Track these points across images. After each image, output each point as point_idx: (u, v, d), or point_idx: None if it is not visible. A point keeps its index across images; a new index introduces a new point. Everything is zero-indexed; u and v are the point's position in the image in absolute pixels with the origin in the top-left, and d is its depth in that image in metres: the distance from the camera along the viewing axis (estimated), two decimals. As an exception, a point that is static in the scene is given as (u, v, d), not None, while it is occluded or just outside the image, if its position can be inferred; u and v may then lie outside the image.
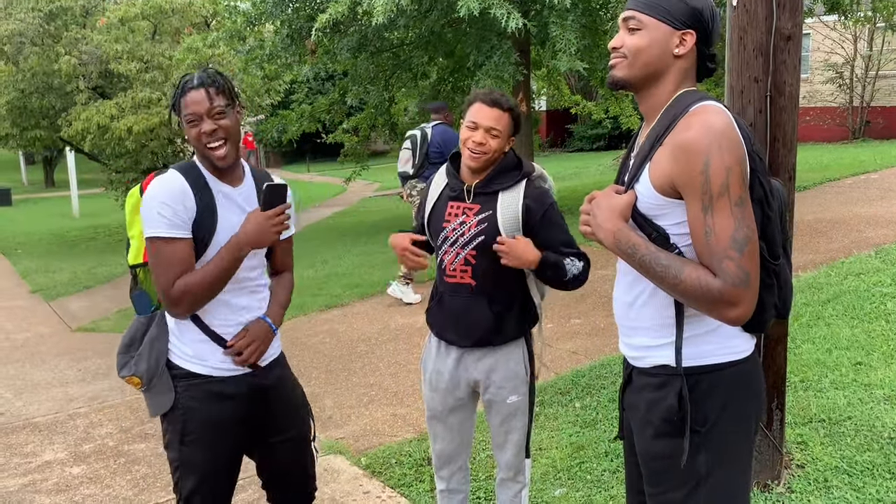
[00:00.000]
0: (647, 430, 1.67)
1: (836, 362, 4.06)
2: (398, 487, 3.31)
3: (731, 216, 1.47)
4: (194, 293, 1.97)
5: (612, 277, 6.72)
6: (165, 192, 1.98)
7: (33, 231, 16.91)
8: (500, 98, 2.22)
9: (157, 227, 1.96)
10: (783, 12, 2.67)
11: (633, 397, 1.74)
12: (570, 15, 7.97)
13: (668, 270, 1.51)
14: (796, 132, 2.82)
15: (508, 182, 2.27)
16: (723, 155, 1.47)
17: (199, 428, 2.06)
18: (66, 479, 3.68)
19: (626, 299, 1.71)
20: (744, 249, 1.47)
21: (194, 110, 1.97)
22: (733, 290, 1.46)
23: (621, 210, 1.59)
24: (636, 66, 1.61)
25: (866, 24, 12.29)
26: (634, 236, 1.56)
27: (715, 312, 1.50)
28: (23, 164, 34.84)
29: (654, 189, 1.56)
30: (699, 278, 1.48)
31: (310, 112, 12.32)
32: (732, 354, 1.62)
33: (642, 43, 1.60)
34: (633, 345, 1.71)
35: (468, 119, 2.23)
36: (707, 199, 1.48)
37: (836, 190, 9.95)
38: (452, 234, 2.29)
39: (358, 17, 8.90)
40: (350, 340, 5.76)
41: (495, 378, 2.33)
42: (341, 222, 14.62)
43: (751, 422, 1.66)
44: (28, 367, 5.85)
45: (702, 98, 1.58)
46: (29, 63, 13.11)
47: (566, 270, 2.24)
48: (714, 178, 1.47)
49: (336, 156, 14.57)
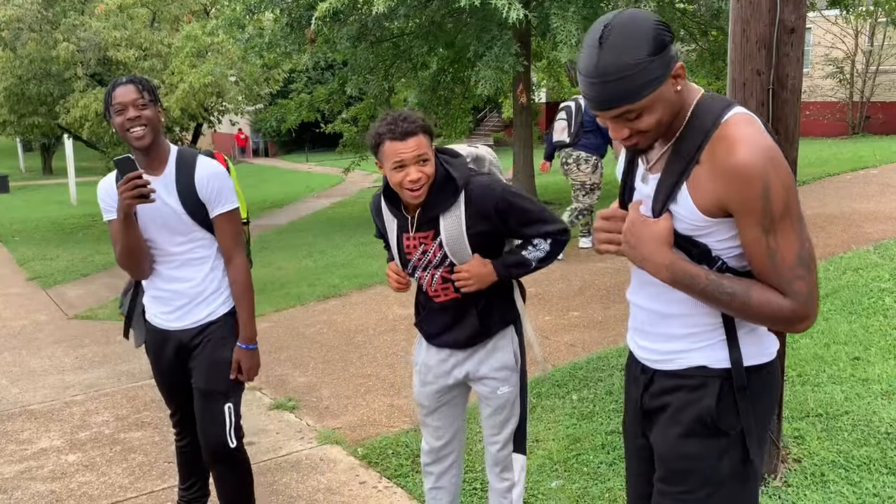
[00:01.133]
0: (675, 429, 1.62)
1: (834, 357, 4.06)
2: (394, 478, 3.31)
3: (795, 235, 1.44)
4: (120, 259, 2.49)
5: (610, 270, 6.72)
6: (100, 188, 2.55)
7: (31, 218, 16.88)
8: (407, 125, 2.04)
9: (105, 214, 2.56)
10: (786, 4, 2.65)
11: (658, 400, 1.67)
12: (572, 6, 7.94)
13: (734, 298, 1.47)
14: (798, 126, 2.81)
15: (447, 203, 2.15)
16: (780, 175, 1.41)
17: (150, 355, 2.73)
18: (62, 467, 3.68)
19: (656, 308, 1.64)
20: (811, 266, 1.45)
21: (121, 101, 2.35)
22: (805, 308, 1.45)
23: (666, 239, 1.51)
24: (660, 132, 1.50)
25: (867, 19, 12.25)
26: (690, 267, 1.50)
27: (784, 328, 1.49)
28: (20, 152, 34.76)
29: (700, 211, 1.48)
30: (770, 302, 1.45)
31: (309, 101, 12.28)
32: (765, 356, 1.60)
33: (653, 119, 1.47)
34: (660, 350, 1.65)
35: (389, 162, 2.06)
36: (769, 222, 1.42)
37: (835, 185, 9.95)
38: (420, 262, 2.25)
39: (358, 7, 8.86)
40: (347, 331, 5.75)
41: (485, 370, 2.32)
42: (340, 212, 14.60)
43: (768, 423, 1.64)
44: (25, 355, 5.84)
45: (726, 106, 1.49)
46: (27, 49, 13.05)
47: (528, 261, 2.22)
48: (776, 202, 1.41)
49: (335, 146, 14.54)
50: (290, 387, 4.62)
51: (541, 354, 2.44)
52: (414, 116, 2.08)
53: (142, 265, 2.50)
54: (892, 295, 4.97)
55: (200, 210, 2.47)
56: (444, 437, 2.45)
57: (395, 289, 2.33)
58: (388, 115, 2.09)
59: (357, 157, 12.93)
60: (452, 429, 2.46)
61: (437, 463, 2.49)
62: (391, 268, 2.34)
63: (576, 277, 6.57)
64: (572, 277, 6.60)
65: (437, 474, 2.50)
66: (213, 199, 2.48)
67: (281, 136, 30.19)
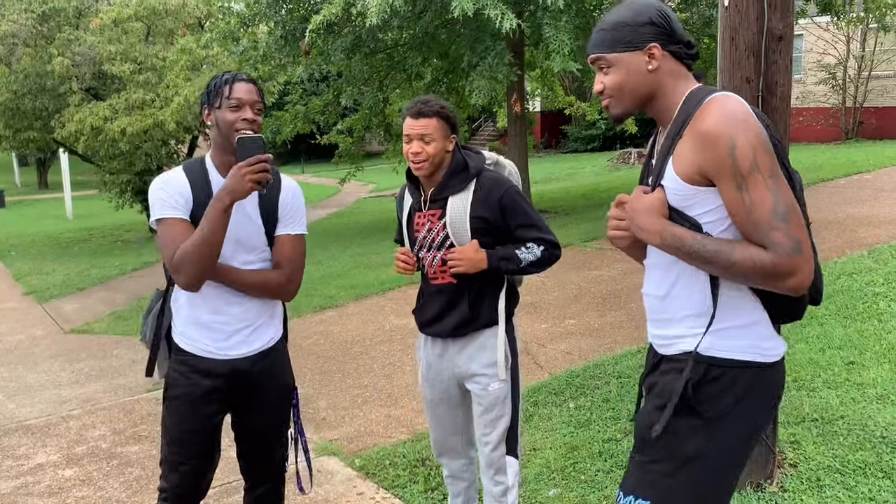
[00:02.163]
0: (653, 402, 1.70)
1: (829, 362, 4.08)
2: (392, 489, 3.30)
3: (767, 189, 1.51)
4: (189, 253, 2.07)
5: (605, 278, 6.74)
6: (161, 181, 2.19)
7: (26, 233, 16.86)
8: (423, 106, 2.31)
9: (157, 211, 2.16)
10: (774, 13, 2.68)
11: (652, 378, 1.76)
12: (564, 16, 7.98)
13: (718, 255, 1.54)
14: (788, 132, 2.83)
15: (459, 186, 2.36)
16: (746, 134, 1.51)
17: (178, 399, 2.24)
18: (59, 482, 3.67)
19: (657, 293, 1.74)
20: (788, 218, 1.51)
21: (241, 97, 2.13)
22: (787, 260, 1.49)
23: (659, 208, 1.63)
24: (626, 99, 1.68)
25: (859, 25, 12.34)
26: (678, 229, 1.60)
27: (774, 285, 1.52)
28: (16, 166, 34.74)
29: (682, 180, 1.59)
30: (751, 256, 1.51)
31: (304, 113, 12.31)
32: (762, 356, 1.63)
33: (619, 78, 1.67)
34: (664, 335, 1.73)
35: (403, 135, 2.36)
36: (739, 178, 1.52)
37: (829, 190, 9.99)
38: (425, 241, 2.42)
39: (352, 18, 8.90)
40: (344, 341, 5.75)
41: (475, 366, 2.40)
42: (336, 223, 14.61)
43: (757, 428, 1.66)
44: (21, 370, 5.82)
45: (712, 91, 1.62)
46: (22, 64, 13.08)
47: (519, 259, 2.32)
48: (742, 157, 1.51)
49: (331, 157, 14.57)
50: (288, 398, 4.62)
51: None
52: (433, 102, 2.33)
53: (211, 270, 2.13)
54: (887, 299, 4.99)
55: (275, 227, 2.26)
56: (446, 429, 2.55)
57: (400, 268, 2.42)
58: (419, 98, 2.37)
59: (353, 168, 12.95)
60: (454, 424, 2.55)
61: (443, 455, 2.60)
62: (399, 250, 2.46)
63: (571, 285, 6.58)
64: (568, 285, 6.61)
65: (446, 463, 2.61)
66: (290, 217, 2.27)
67: (277, 148, 30.22)
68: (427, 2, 8.87)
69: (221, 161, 2.21)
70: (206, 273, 2.11)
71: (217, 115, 2.14)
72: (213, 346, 2.22)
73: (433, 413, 2.56)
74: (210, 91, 2.17)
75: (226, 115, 2.13)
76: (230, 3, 10.17)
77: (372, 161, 21.37)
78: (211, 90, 2.17)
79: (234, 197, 2.06)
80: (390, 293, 7.26)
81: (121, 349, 6.09)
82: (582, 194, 13.90)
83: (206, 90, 2.19)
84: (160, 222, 2.15)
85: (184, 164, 2.23)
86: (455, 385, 2.50)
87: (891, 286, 5.24)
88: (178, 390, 2.23)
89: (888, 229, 7.12)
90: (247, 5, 9.86)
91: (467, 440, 2.58)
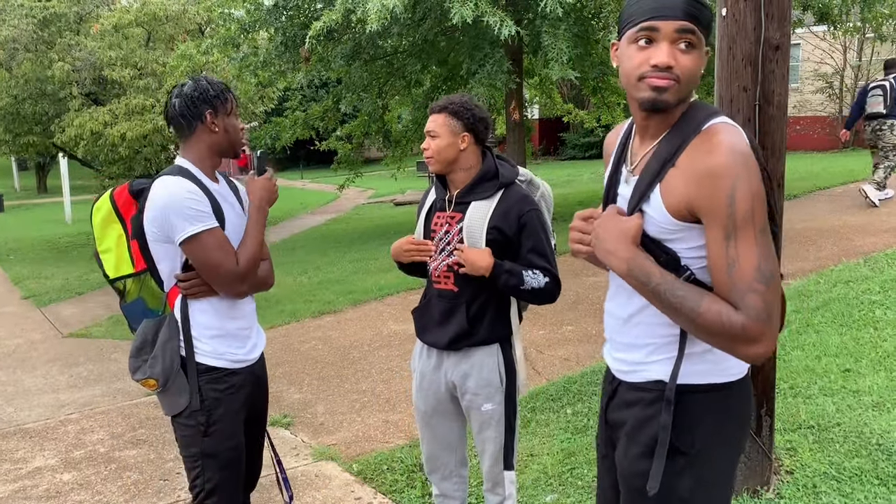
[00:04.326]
0: (633, 449, 1.58)
1: (825, 369, 4.09)
2: (390, 494, 3.31)
3: (756, 245, 1.39)
4: (254, 260, 2.15)
5: (603, 285, 6.75)
6: (186, 192, 2.06)
7: (25, 237, 16.85)
8: (439, 102, 2.36)
9: (196, 222, 2.05)
10: (771, 22, 2.71)
11: (619, 413, 1.65)
12: (563, 24, 8.02)
13: (684, 302, 1.41)
14: (785, 141, 2.85)
15: (485, 192, 2.33)
16: (750, 181, 1.39)
17: (222, 419, 2.14)
18: (57, 486, 3.67)
19: (621, 314, 1.63)
20: (770, 283, 1.38)
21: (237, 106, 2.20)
22: (756, 326, 1.36)
23: (633, 236, 1.50)
24: (684, 91, 1.46)
25: (855, 35, 12.39)
26: (649, 265, 1.47)
27: (733, 349, 1.40)
28: (15, 171, 34.71)
29: (669, 213, 1.47)
30: (720, 313, 1.38)
31: (303, 119, 12.34)
32: (727, 376, 1.55)
33: (695, 66, 1.44)
34: (624, 360, 1.63)
35: None
36: (731, 226, 1.38)
37: (825, 198, 10.03)
38: (440, 243, 2.38)
39: (352, 25, 8.93)
40: (342, 347, 5.76)
41: (470, 384, 2.36)
42: (334, 229, 14.63)
43: (740, 443, 1.60)
44: (19, 374, 5.82)
45: (712, 114, 1.49)
46: (22, 69, 13.09)
47: (523, 279, 2.25)
48: (740, 205, 1.38)
49: (330, 163, 14.58)
50: (286, 403, 4.63)
51: (523, 379, 2.43)
52: (453, 100, 2.34)
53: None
54: (883, 307, 5.01)
55: None
56: (439, 444, 2.49)
57: (410, 251, 2.38)
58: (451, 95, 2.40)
59: (352, 174, 12.97)
60: (447, 439, 2.49)
61: (434, 472, 2.53)
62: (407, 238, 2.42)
63: (569, 291, 6.60)
64: (566, 292, 6.63)
65: (436, 482, 2.54)
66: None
67: (276, 154, 30.25)
68: (427, 9, 8.91)
69: (212, 166, 2.18)
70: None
71: (227, 122, 2.16)
72: (240, 354, 2.21)
73: (426, 426, 2.49)
74: (215, 96, 2.14)
75: (235, 122, 2.17)
76: (231, 9, 10.20)
77: (371, 167, 21.41)
78: (216, 95, 2.14)
79: (271, 205, 2.24)
80: (389, 299, 7.27)
81: (119, 353, 6.09)
82: (579, 201, 13.92)
83: (208, 94, 2.13)
84: (204, 234, 2.04)
85: (175, 173, 2.11)
86: (449, 398, 2.44)
87: (887, 294, 5.26)
88: (220, 410, 2.13)
89: (884, 238, 7.16)
90: (247, 12, 9.89)
91: (460, 458, 2.52)
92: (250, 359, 2.25)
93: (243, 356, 2.22)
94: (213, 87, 2.15)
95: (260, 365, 2.34)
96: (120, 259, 2.21)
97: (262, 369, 2.35)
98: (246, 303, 2.26)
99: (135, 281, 2.21)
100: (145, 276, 2.19)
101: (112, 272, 2.22)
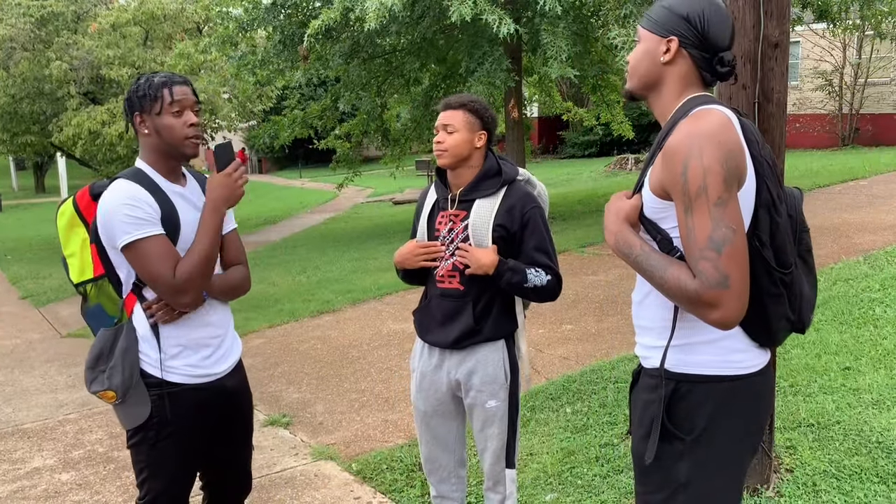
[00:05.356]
0: (639, 431, 1.68)
1: (825, 367, 4.09)
2: (389, 493, 3.30)
3: (709, 217, 1.46)
4: (196, 271, 1.98)
5: (602, 283, 6.75)
6: (126, 197, 1.96)
7: (23, 237, 16.83)
8: (454, 99, 2.35)
9: (133, 230, 1.95)
10: (770, 20, 2.70)
11: (635, 395, 1.75)
12: (562, 22, 8.01)
13: (654, 270, 1.53)
14: (784, 139, 2.85)
15: (489, 190, 2.34)
16: (701, 157, 1.47)
17: (173, 433, 2.07)
18: (56, 486, 3.66)
19: (636, 298, 1.74)
20: (722, 249, 1.45)
21: (181, 101, 2.00)
22: (710, 292, 1.44)
23: (626, 214, 1.62)
24: (634, 78, 1.69)
25: (855, 33, 12.39)
26: (632, 237, 1.59)
27: (697, 313, 1.49)
28: (13, 170, 34.70)
29: (652, 193, 1.59)
30: (678, 278, 1.48)
31: (302, 118, 12.33)
32: (733, 369, 1.59)
33: (636, 55, 1.68)
34: (642, 344, 1.72)
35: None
36: (687, 200, 1.49)
37: (825, 196, 10.02)
38: (444, 241, 2.36)
39: (350, 24, 8.92)
40: (341, 346, 5.75)
41: (475, 381, 2.35)
42: (333, 228, 14.62)
43: (747, 439, 1.63)
44: (17, 374, 5.81)
45: (705, 102, 1.58)
46: (20, 68, 13.08)
47: (526, 277, 2.26)
48: (691, 180, 1.47)
49: (328, 162, 14.58)
50: (284, 403, 4.62)
51: (527, 374, 2.44)
52: (466, 96, 2.36)
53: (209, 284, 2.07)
54: (883, 305, 5.01)
55: None
56: (438, 445, 2.48)
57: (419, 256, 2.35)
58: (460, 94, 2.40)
59: (350, 173, 12.96)
60: (446, 440, 2.48)
61: (433, 473, 2.52)
62: (415, 243, 2.39)
63: (569, 290, 6.59)
64: (565, 290, 6.62)
65: (434, 483, 2.53)
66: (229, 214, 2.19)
67: (274, 153, 30.24)
68: (425, 7, 8.90)
69: (167, 167, 2.06)
70: (205, 288, 2.03)
71: (157, 122, 2.00)
72: (204, 367, 2.10)
73: (426, 426, 2.48)
74: (142, 96, 1.99)
75: (169, 121, 1.99)
76: (229, 8, 10.19)
77: (370, 166, 21.41)
78: (143, 95, 1.99)
79: (229, 205, 2.04)
80: (388, 298, 7.27)
81: (118, 353, 6.06)
82: (579, 200, 13.92)
83: (135, 95, 2.01)
84: (140, 242, 1.94)
85: (128, 176, 2.02)
86: (450, 398, 2.43)
87: (886, 292, 5.26)
88: (170, 429, 2.05)
89: (884, 235, 7.15)
90: (245, 10, 9.88)
91: (458, 459, 2.51)
92: (217, 372, 2.13)
93: (207, 369, 2.10)
94: (141, 87, 2.01)
95: (233, 376, 2.20)
96: (84, 263, 2.14)
97: (238, 381, 2.22)
98: (214, 310, 2.12)
99: (94, 286, 2.15)
100: (103, 281, 2.12)
101: (76, 276, 2.16)
